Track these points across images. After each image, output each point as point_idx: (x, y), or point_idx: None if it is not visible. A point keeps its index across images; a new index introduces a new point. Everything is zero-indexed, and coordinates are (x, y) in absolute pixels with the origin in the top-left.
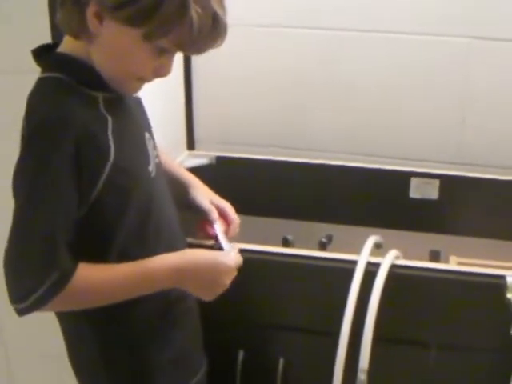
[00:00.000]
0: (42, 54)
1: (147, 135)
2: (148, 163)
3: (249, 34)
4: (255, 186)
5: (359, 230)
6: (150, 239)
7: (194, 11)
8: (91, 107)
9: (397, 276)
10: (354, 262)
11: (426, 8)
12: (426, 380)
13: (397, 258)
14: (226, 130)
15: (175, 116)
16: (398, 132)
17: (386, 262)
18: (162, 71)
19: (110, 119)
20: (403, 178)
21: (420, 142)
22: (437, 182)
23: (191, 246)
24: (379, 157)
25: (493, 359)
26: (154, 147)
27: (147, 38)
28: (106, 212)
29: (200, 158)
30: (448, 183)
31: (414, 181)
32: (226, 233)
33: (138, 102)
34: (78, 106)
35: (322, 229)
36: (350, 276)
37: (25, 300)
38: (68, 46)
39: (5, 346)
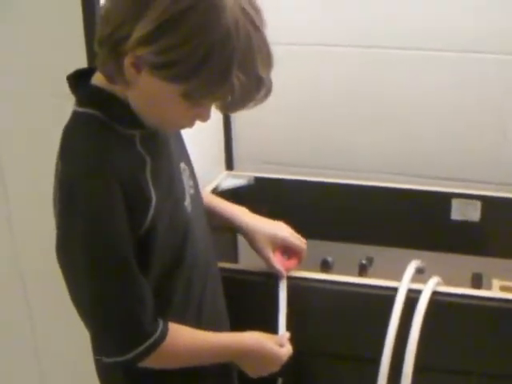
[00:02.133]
0: (78, 82)
1: (182, 165)
2: (184, 199)
3: (288, 52)
4: (294, 206)
5: (400, 252)
6: (182, 276)
7: (236, 78)
8: (129, 147)
9: (438, 303)
10: (395, 289)
11: (460, 25)
12: None
13: (438, 284)
14: (265, 149)
15: (214, 135)
16: (438, 151)
17: (427, 289)
18: (200, 119)
19: (148, 159)
20: (444, 200)
21: (461, 161)
22: (478, 204)
23: (224, 270)
24: (420, 177)
25: None
26: (190, 176)
27: (185, 97)
28: (144, 255)
29: (238, 179)
30: (490, 204)
31: (455, 202)
32: (296, 265)
33: None
34: (116, 145)
35: (363, 251)
36: (390, 303)
37: (123, 354)
38: (104, 82)
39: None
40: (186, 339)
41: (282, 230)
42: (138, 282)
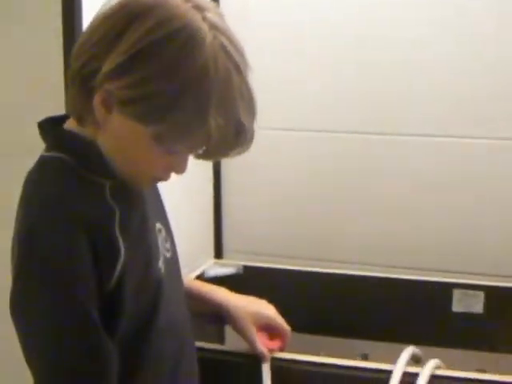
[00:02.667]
0: (49, 128)
1: (158, 225)
2: (157, 258)
3: (280, 139)
4: (284, 298)
5: (397, 346)
6: (151, 347)
7: (214, 120)
8: (97, 195)
9: None
10: (389, 372)
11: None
12: None
13: (437, 368)
14: (255, 240)
15: (203, 224)
16: (437, 243)
17: (425, 372)
18: (174, 170)
19: (117, 211)
20: (445, 291)
21: (462, 254)
22: (482, 295)
23: (202, 349)
24: (418, 269)
25: None
26: (167, 239)
27: (157, 140)
28: (107, 314)
29: (227, 268)
30: (494, 296)
31: (456, 293)
32: (282, 349)
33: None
34: (83, 193)
35: (357, 346)
36: None
37: None
38: (74, 125)
39: None
40: None
41: (266, 308)
42: (105, 348)
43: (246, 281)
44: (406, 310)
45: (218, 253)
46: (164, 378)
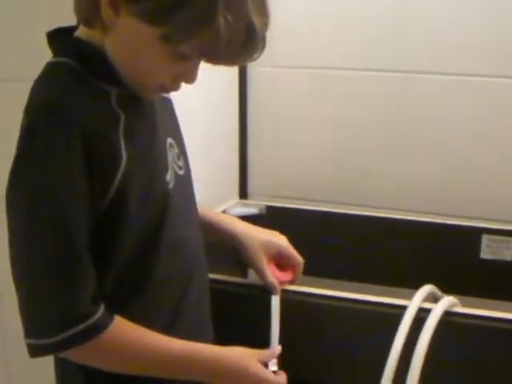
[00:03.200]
0: (58, 37)
1: (170, 140)
2: (165, 171)
3: (309, 77)
4: (307, 239)
5: None
6: (159, 260)
7: (223, 17)
8: (101, 101)
9: (451, 324)
10: (404, 307)
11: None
12: None
13: (453, 305)
14: (280, 182)
15: (229, 165)
16: (465, 186)
17: (438, 307)
18: (184, 79)
19: (122, 117)
20: (473, 236)
21: (490, 198)
22: None
23: (215, 281)
24: (444, 215)
25: None
26: (179, 156)
27: (165, 40)
28: (110, 226)
29: (249, 208)
30: None
31: (485, 238)
32: (293, 281)
33: (166, 101)
34: (86, 97)
35: (380, 292)
36: (398, 323)
37: (49, 336)
38: (85, 31)
39: None
40: (134, 336)
41: (278, 237)
42: (80, 259)
43: (269, 221)
44: (433, 256)
45: (243, 194)
46: (170, 302)
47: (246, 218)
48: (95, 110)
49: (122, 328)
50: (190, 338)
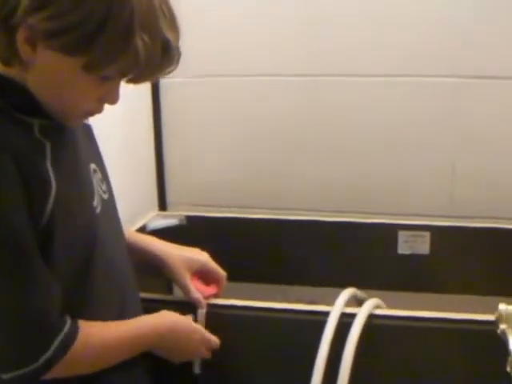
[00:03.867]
0: None
1: (93, 166)
2: (92, 197)
3: (222, 84)
4: (228, 246)
5: None
6: (93, 284)
7: (140, 39)
8: (26, 133)
9: (376, 328)
10: (327, 314)
11: (410, 48)
12: None
13: (377, 307)
14: (198, 192)
15: (146, 177)
16: (383, 185)
17: (363, 311)
18: (107, 100)
19: (48, 146)
20: (390, 233)
21: (408, 195)
22: (427, 235)
23: (143, 300)
24: (364, 213)
25: None
26: (102, 181)
27: (87, 68)
28: (44, 251)
29: (169, 219)
30: (439, 236)
31: (401, 235)
32: (218, 295)
33: (86, 128)
34: (10, 128)
35: (304, 293)
36: (322, 329)
37: (34, 361)
38: (1, 68)
39: None
40: (100, 333)
41: (199, 254)
42: (43, 275)
43: (189, 232)
44: (352, 253)
45: (163, 205)
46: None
47: (166, 230)
48: (22, 140)
49: (90, 328)
50: None
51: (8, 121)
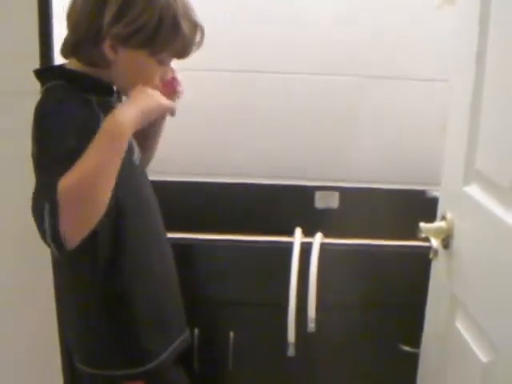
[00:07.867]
0: (51, 69)
1: None
2: (132, 153)
3: None
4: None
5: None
6: (134, 214)
7: (187, 28)
8: (87, 106)
9: (327, 251)
10: (291, 243)
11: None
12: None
13: (322, 238)
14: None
15: None
16: (300, 156)
17: (317, 239)
18: (165, 76)
19: (101, 115)
20: (309, 192)
21: (319, 163)
22: (337, 194)
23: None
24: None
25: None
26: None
27: (153, 54)
28: None
29: None
30: (346, 194)
31: (318, 194)
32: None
33: None
34: (78, 104)
35: None
36: (289, 254)
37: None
38: (70, 64)
39: None
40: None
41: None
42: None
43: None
44: (281, 209)
45: None
46: (150, 253)
47: None
48: (84, 112)
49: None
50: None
51: (77, 98)
